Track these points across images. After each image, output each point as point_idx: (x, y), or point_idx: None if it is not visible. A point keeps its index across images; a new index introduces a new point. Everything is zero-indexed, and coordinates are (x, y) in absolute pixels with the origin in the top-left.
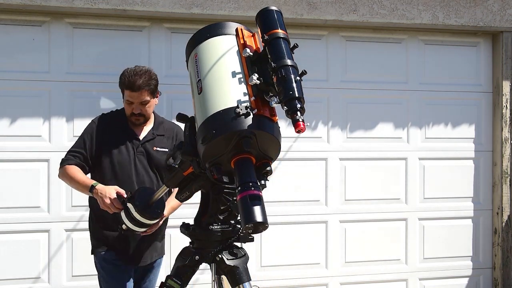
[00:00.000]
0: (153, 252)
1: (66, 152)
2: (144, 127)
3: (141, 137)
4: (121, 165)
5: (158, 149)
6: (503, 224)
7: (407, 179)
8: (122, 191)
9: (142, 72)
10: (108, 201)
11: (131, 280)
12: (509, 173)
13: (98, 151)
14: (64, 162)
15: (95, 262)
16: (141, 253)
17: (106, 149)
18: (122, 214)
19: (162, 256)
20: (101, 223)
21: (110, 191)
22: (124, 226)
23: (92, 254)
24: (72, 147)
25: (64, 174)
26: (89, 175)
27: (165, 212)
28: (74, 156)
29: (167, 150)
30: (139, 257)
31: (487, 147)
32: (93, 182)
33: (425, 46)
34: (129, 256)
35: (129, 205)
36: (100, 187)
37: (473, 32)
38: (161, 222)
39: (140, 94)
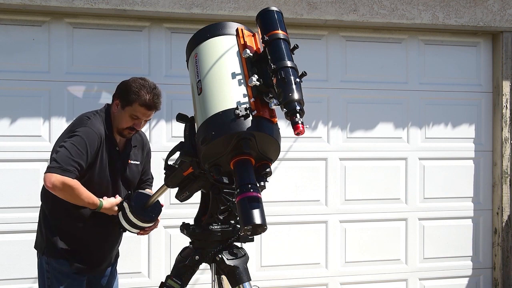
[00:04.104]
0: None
1: (64, 155)
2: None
3: (121, 149)
4: (102, 180)
5: (132, 161)
6: (503, 224)
7: (407, 179)
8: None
9: (158, 90)
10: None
11: None
12: (509, 173)
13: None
14: (65, 172)
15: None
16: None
17: (98, 162)
18: (119, 212)
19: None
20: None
21: (114, 201)
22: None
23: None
24: (73, 154)
25: (66, 189)
26: None
27: None
28: (75, 168)
29: (138, 162)
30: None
31: (487, 147)
32: (99, 201)
33: (425, 46)
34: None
35: (125, 204)
36: (106, 204)
37: (473, 32)
38: (157, 226)
39: (152, 113)
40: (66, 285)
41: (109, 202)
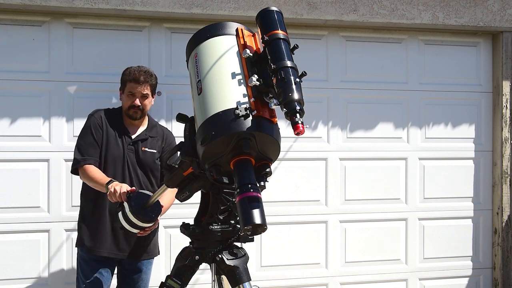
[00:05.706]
0: (141, 252)
1: (76, 149)
2: (138, 128)
3: (133, 136)
4: (112, 160)
5: (146, 149)
6: (503, 224)
7: (407, 179)
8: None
9: (145, 69)
10: (116, 192)
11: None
12: (509, 173)
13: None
14: (81, 162)
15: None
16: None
17: (104, 143)
18: (119, 212)
19: (153, 258)
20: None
21: (121, 186)
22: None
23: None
24: (82, 145)
25: (84, 175)
26: None
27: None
28: (86, 154)
29: (155, 151)
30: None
31: (487, 147)
32: (108, 180)
33: (425, 46)
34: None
35: (125, 204)
36: (114, 184)
37: (473, 32)
38: (156, 225)
39: (143, 88)
40: (87, 271)
41: (112, 187)
